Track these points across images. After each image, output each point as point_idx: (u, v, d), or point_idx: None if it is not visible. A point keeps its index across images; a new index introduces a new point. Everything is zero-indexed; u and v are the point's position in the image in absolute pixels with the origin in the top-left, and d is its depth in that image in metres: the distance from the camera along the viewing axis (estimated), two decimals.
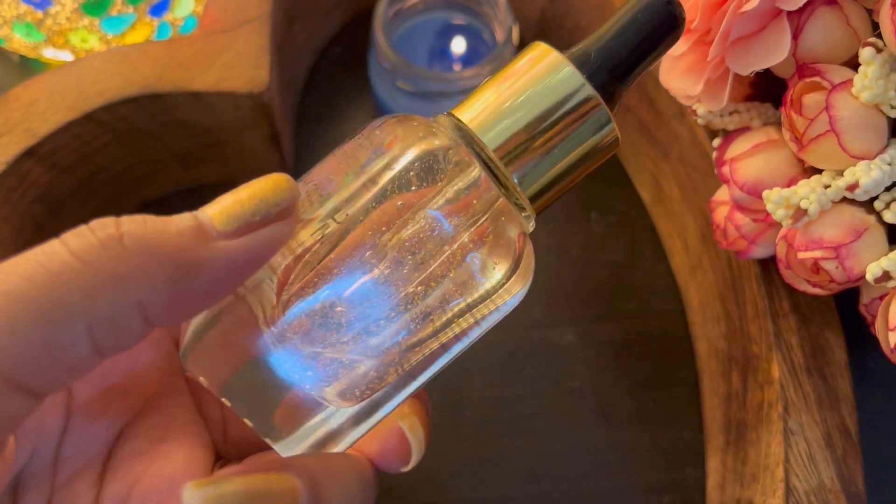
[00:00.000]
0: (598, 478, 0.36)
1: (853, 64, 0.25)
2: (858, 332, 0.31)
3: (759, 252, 0.30)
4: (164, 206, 0.40)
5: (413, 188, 0.20)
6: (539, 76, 0.20)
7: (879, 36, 0.25)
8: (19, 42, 0.40)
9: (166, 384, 0.24)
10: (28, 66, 0.41)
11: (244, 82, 0.34)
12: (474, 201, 0.20)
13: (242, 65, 0.34)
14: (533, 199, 0.21)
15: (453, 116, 0.21)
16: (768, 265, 0.32)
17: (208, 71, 0.34)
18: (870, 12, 0.26)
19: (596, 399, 0.38)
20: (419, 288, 0.19)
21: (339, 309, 0.19)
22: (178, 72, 0.34)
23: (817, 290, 0.27)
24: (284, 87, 0.39)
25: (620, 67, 0.20)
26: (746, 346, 0.33)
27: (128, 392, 0.23)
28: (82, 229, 0.17)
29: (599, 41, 0.21)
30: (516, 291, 0.21)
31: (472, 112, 0.21)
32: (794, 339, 0.30)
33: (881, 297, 0.26)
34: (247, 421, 0.20)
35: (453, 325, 0.20)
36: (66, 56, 0.40)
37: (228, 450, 0.25)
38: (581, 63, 0.20)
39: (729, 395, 0.34)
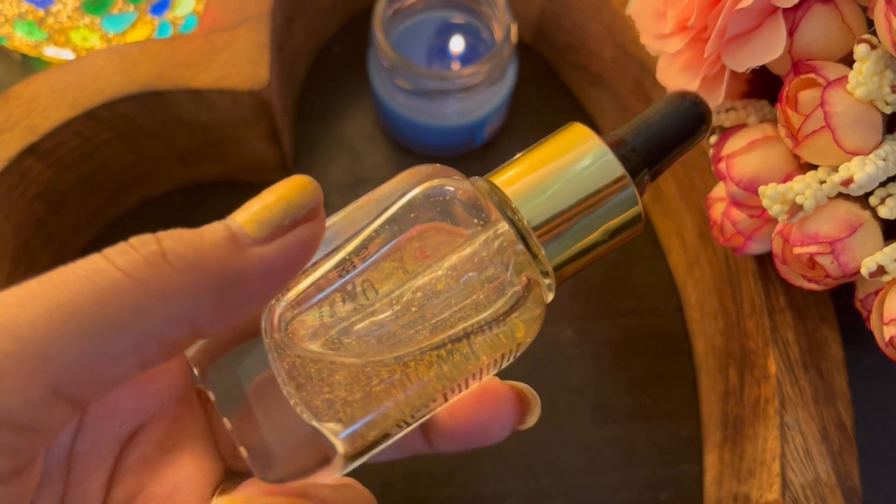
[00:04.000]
0: (596, 474, 0.36)
1: (848, 61, 0.25)
2: (855, 329, 0.32)
3: (756, 248, 0.30)
4: (165, 203, 0.40)
5: (429, 218, 0.20)
6: (576, 154, 0.21)
7: (874, 33, 0.25)
8: (21, 40, 0.40)
9: (180, 392, 0.23)
10: (29, 65, 0.42)
11: (244, 80, 0.34)
12: (497, 261, 0.20)
13: (242, 63, 0.35)
14: (555, 270, 0.21)
15: (489, 182, 0.22)
16: (765, 261, 0.32)
17: (208, 69, 0.34)
18: (864, 9, 0.26)
19: (593, 395, 0.38)
20: (426, 331, 0.20)
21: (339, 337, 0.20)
22: (179, 69, 0.34)
23: (813, 286, 0.28)
24: (284, 86, 0.39)
25: (652, 156, 0.22)
26: (743, 342, 0.33)
27: (142, 393, 0.23)
28: (124, 247, 0.17)
29: (633, 129, 0.22)
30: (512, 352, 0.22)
31: (506, 179, 0.21)
32: (791, 334, 0.31)
33: (876, 292, 0.27)
34: (226, 421, 0.20)
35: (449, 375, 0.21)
36: (67, 55, 0.41)
37: (237, 465, 0.24)
38: (615, 148, 0.21)
39: (726, 390, 0.34)
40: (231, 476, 0.24)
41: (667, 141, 0.22)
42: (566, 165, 0.21)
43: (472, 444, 0.24)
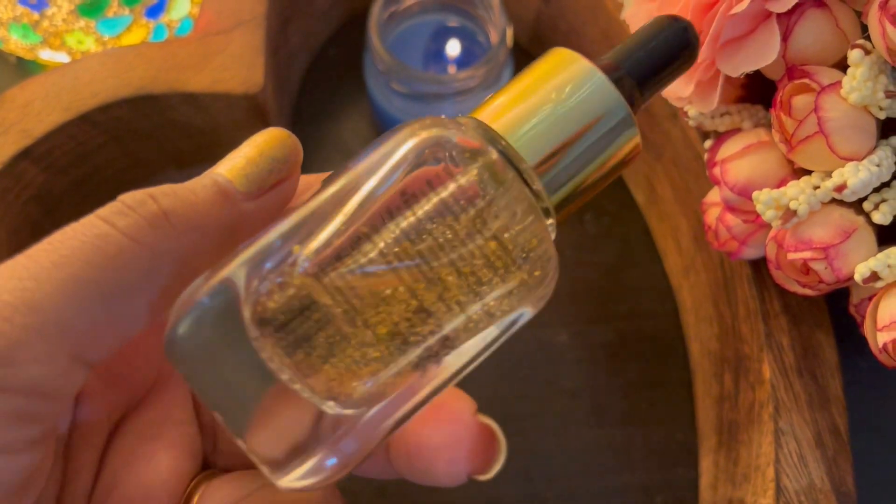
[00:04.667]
0: (591, 478, 0.36)
1: (842, 66, 0.25)
2: (851, 333, 0.32)
3: (750, 253, 0.30)
4: None
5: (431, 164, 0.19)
6: (567, 81, 0.20)
7: (868, 38, 0.25)
8: (16, 43, 0.40)
9: (167, 374, 0.23)
10: (25, 68, 0.42)
11: (238, 83, 0.34)
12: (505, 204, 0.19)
13: (237, 66, 0.35)
14: (557, 209, 0.20)
15: (480, 121, 0.20)
16: (760, 266, 0.32)
17: (203, 72, 0.34)
18: (859, 14, 0.26)
19: (589, 399, 0.38)
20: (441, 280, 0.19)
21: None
22: (173, 73, 0.34)
23: (807, 291, 0.28)
24: (279, 89, 0.39)
25: (644, 80, 0.21)
26: (738, 347, 0.33)
27: (130, 378, 0.23)
28: (122, 208, 0.18)
29: (623, 53, 0.21)
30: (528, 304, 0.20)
31: (496, 115, 0.20)
32: (786, 339, 0.30)
33: (870, 298, 0.27)
34: (217, 416, 0.19)
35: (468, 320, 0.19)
36: (62, 58, 0.41)
37: (216, 459, 0.24)
38: (608, 72, 0.20)
39: (721, 395, 0.34)
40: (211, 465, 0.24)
41: (657, 64, 0.21)
42: (558, 93, 0.19)
43: (419, 470, 0.21)
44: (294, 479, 0.19)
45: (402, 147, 0.19)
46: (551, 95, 0.19)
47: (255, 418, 0.19)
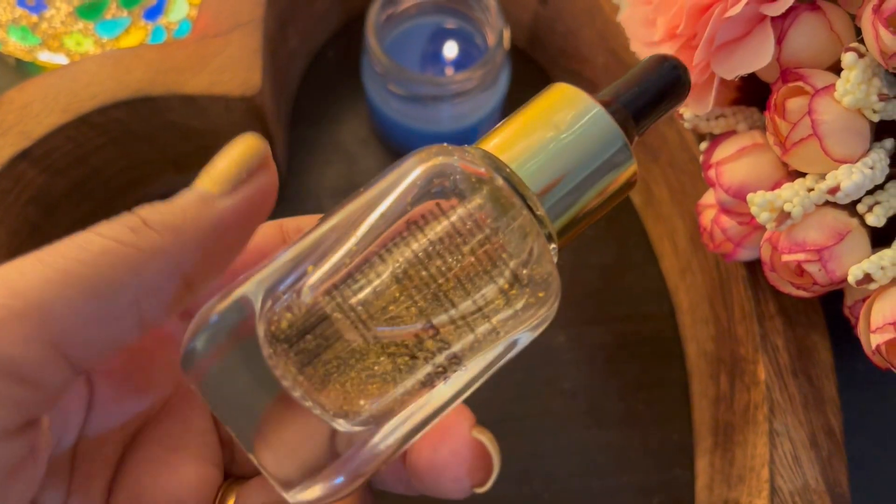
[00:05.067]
0: (588, 478, 0.36)
1: (836, 69, 0.26)
2: (848, 335, 0.32)
3: (745, 255, 0.30)
4: None
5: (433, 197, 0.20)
6: (570, 115, 0.21)
7: (862, 41, 0.25)
8: (15, 45, 0.41)
9: (186, 386, 0.24)
10: (24, 70, 0.42)
11: (236, 86, 0.35)
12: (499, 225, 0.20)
13: (235, 68, 0.35)
14: (559, 234, 0.21)
15: (482, 150, 0.21)
16: (755, 268, 0.32)
17: (200, 74, 0.35)
18: (853, 17, 0.26)
19: (586, 400, 0.38)
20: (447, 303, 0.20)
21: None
22: (171, 75, 0.34)
23: (801, 293, 0.28)
24: (277, 91, 0.39)
25: (639, 115, 0.22)
26: (734, 348, 0.33)
27: (146, 389, 0.23)
28: (105, 222, 0.19)
29: (619, 89, 0.22)
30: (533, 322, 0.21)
31: (500, 146, 0.21)
32: (780, 340, 0.31)
33: (864, 300, 0.27)
34: (229, 429, 0.20)
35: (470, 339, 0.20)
36: (61, 59, 0.41)
37: (234, 470, 0.24)
38: (607, 107, 0.21)
39: (717, 396, 0.34)
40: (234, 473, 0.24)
41: (651, 100, 0.22)
42: (558, 125, 0.20)
43: (428, 487, 0.22)
44: (304, 494, 0.20)
45: (411, 173, 0.20)
46: (552, 127, 0.20)
47: (267, 434, 0.20)
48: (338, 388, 0.19)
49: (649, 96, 0.22)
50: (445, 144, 0.21)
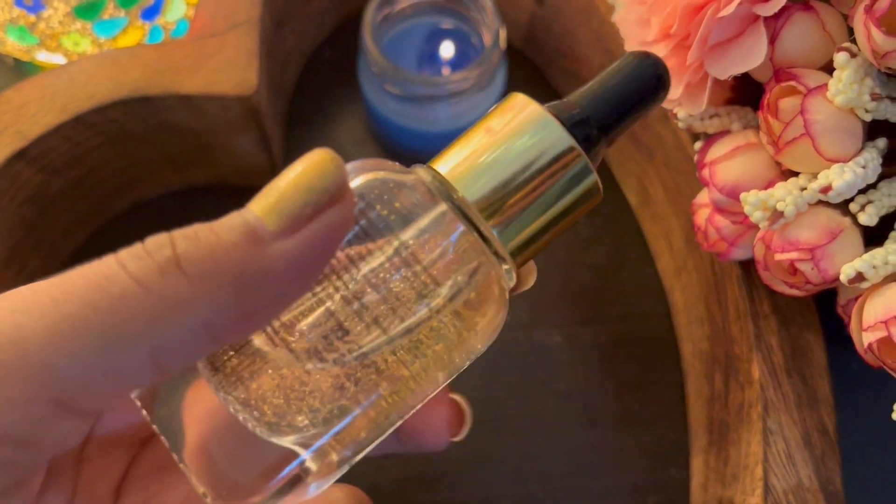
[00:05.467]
0: (584, 478, 0.36)
1: (829, 69, 0.26)
2: (842, 334, 0.32)
3: (739, 254, 0.30)
4: (156, 207, 0.41)
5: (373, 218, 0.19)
6: (518, 127, 0.20)
7: (854, 41, 0.25)
8: (12, 45, 0.41)
9: None
10: (21, 70, 0.42)
11: (233, 86, 0.35)
12: (445, 247, 0.19)
13: (231, 68, 0.35)
14: (514, 254, 0.20)
15: (431, 168, 0.21)
16: (749, 267, 0.32)
17: (197, 74, 0.35)
18: (845, 17, 0.26)
19: (581, 400, 0.38)
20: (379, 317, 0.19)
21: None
22: (168, 75, 0.35)
23: (794, 292, 0.28)
24: (274, 91, 0.39)
25: (605, 122, 0.20)
26: (729, 348, 0.33)
27: None
28: (139, 251, 0.16)
29: (585, 95, 0.21)
30: (480, 341, 0.21)
31: (449, 164, 0.20)
32: (775, 339, 0.31)
33: (856, 298, 0.27)
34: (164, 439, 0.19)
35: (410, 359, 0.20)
36: (58, 59, 0.41)
37: None
38: (563, 115, 0.20)
39: (712, 395, 0.35)
40: None
41: (622, 105, 0.21)
42: (510, 142, 0.20)
43: (409, 443, 0.25)
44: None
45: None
46: (504, 143, 0.20)
47: (209, 449, 0.19)
48: (269, 403, 0.19)
49: (623, 102, 0.21)
50: (389, 161, 0.20)
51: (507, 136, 0.20)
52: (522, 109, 0.20)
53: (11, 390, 0.15)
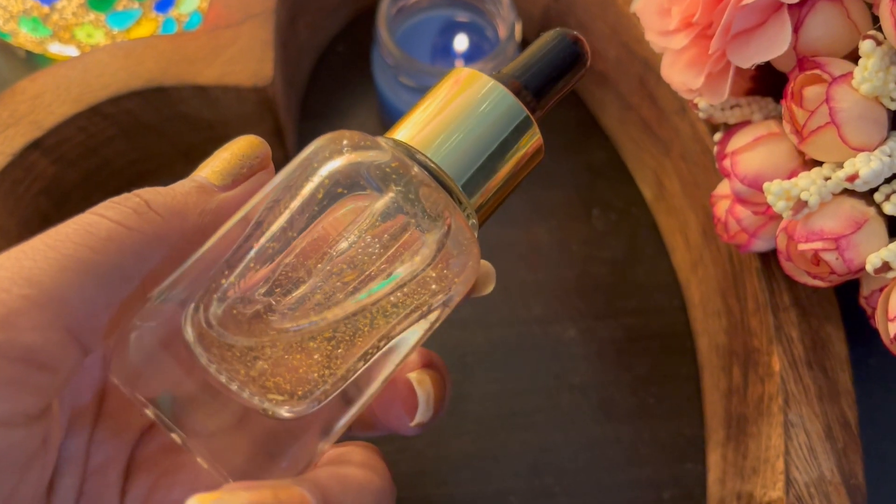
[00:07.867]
0: (599, 472, 0.36)
1: (853, 57, 0.25)
2: (860, 329, 0.32)
3: (760, 245, 0.30)
4: None
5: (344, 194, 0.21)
6: (473, 98, 0.22)
7: (879, 29, 0.25)
8: (25, 37, 0.41)
9: None
10: (34, 62, 0.42)
11: (248, 77, 0.34)
12: (413, 209, 0.21)
13: (246, 59, 0.35)
14: (477, 210, 0.22)
15: (392, 139, 0.22)
16: (769, 259, 0.32)
17: (212, 65, 0.34)
18: (870, 6, 0.26)
19: (597, 394, 0.38)
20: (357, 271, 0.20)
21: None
22: (183, 66, 0.34)
23: (818, 282, 0.28)
24: (288, 83, 0.39)
25: (540, 91, 0.23)
26: (747, 340, 0.33)
27: None
28: (109, 203, 0.19)
29: (519, 68, 0.23)
30: (458, 287, 0.22)
31: (408, 133, 0.22)
32: (795, 332, 0.30)
33: (881, 289, 0.27)
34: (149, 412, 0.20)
35: (392, 314, 0.21)
36: (71, 51, 0.41)
37: None
38: (508, 84, 0.22)
39: (730, 389, 0.34)
40: None
41: (551, 77, 0.23)
42: (465, 109, 0.22)
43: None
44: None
45: (319, 171, 0.21)
46: (458, 110, 0.22)
47: (201, 423, 0.20)
48: (261, 374, 0.19)
49: (551, 74, 0.23)
50: (347, 132, 0.22)
51: (461, 103, 0.22)
52: (472, 81, 0.22)
53: (32, 317, 0.17)
